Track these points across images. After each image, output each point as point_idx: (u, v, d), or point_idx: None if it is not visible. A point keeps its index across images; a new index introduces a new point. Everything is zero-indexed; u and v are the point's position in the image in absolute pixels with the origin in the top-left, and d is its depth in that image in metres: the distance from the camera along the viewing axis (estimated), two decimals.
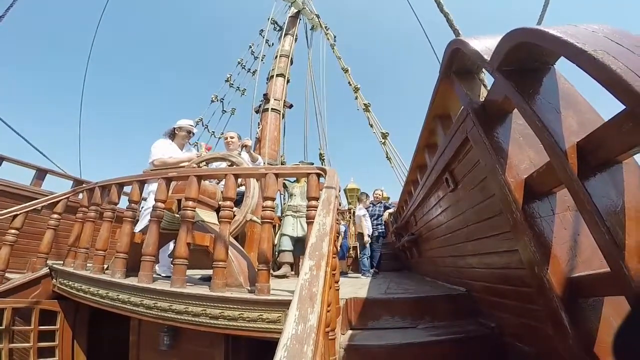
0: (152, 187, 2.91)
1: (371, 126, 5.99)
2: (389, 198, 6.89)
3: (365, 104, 6.11)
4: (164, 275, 2.85)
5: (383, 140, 5.76)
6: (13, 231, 2.96)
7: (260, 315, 2.00)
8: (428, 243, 3.14)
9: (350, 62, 6.73)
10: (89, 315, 3.45)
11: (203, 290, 2.09)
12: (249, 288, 2.19)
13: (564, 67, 1.05)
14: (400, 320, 2.16)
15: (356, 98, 6.23)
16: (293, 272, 4.03)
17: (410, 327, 2.11)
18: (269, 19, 7.91)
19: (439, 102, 1.86)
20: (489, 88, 1.33)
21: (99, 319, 3.52)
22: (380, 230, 5.27)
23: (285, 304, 1.94)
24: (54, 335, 3.14)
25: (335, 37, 7.90)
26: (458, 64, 1.48)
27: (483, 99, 1.38)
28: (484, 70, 1.47)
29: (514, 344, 1.56)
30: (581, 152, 0.92)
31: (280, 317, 1.98)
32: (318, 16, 7.84)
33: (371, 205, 5.39)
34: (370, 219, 5.01)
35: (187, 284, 2.21)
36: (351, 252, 6.27)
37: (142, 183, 2.48)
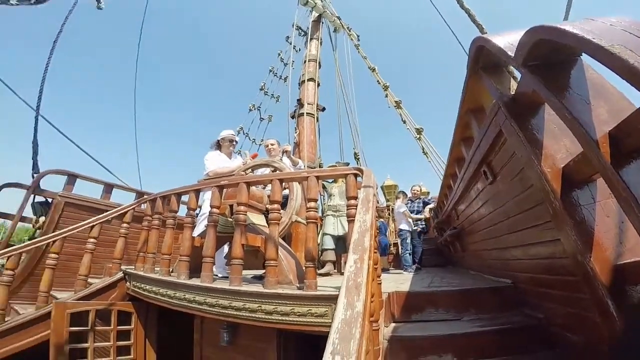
0: (206, 195, 3.21)
1: (404, 122, 5.96)
2: (428, 193, 6.77)
3: (396, 101, 6.08)
4: (220, 275, 3.12)
5: (418, 136, 5.70)
6: (92, 240, 3.37)
7: (309, 310, 2.12)
8: (471, 236, 3.10)
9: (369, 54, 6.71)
10: (158, 315, 3.82)
11: (258, 287, 2.27)
12: (298, 285, 2.35)
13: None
14: (444, 312, 2.18)
15: (386, 96, 6.23)
16: (336, 270, 4.16)
17: (455, 319, 2.12)
18: (293, 24, 8.14)
19: (470, 97, 1.87)
20: (518, 81, 1.35)
21: (165, 319, 3.88)
22: (422, 226, 5.23)
23: (331, 299, 2.06)
24: (129, 334, 3.39)
25: (358, 36, 7.92)
26: (484, 60, 1.51)
27: (513, 92, 1.40)
28: None
29: (563, 334, 1.54)
30: (613, 141, 0.93)
31: (327, 311, 2.09)
32: (339, 18, 7.90)
33: (409, 201, 5.36)
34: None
35: (243, 282, 2.43)
36: (392, 248, 6.28)
37: (197, 192, 2.77)
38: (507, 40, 1.16)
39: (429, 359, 1.82)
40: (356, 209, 2.08)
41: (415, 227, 5.06)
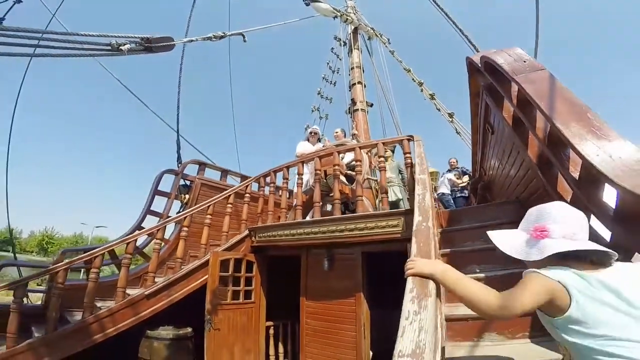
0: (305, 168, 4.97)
1: (439, 110, 7.48)
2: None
3: (430, 94, 7.65)
4: None
5: (450, 119, 7.19)
6: (229, 205, 4.99)
7: (387, 222, 3.59)
8: (494, 184, 4.52)
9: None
10: (268, 265, 5.01)
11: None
12: None
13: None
14: (474, 220, 3.62)
15: (422, 91, 7.81)
16: None
17: (484, 225, 3.55)
18: (335, 37, 10.00)
19: (474, 86, 3.42)
20: None
21: (271, 270, 5.17)
22: (464, 194, 6.64)
23: (401, 214, 3.57)
24: (251, 281, 4.56)
25: (389, 39, 9.59)
26: (473, 67, 3.07)
27: (489, 82, 2.96)
28: None
29: None
30: (519, 98, 2.45)
31: (398, 222, 3.56)
32: (373, 28, 9.64)
33: (448, 171, 6.89)
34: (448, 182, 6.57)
35: None
36: None
37: (302, 163, 4.52)
38: (477, 58, 2.72)
39: (466, 244, 3.32)
40: (411, 159, 3.68)
41: (459, 195, 6.52)
